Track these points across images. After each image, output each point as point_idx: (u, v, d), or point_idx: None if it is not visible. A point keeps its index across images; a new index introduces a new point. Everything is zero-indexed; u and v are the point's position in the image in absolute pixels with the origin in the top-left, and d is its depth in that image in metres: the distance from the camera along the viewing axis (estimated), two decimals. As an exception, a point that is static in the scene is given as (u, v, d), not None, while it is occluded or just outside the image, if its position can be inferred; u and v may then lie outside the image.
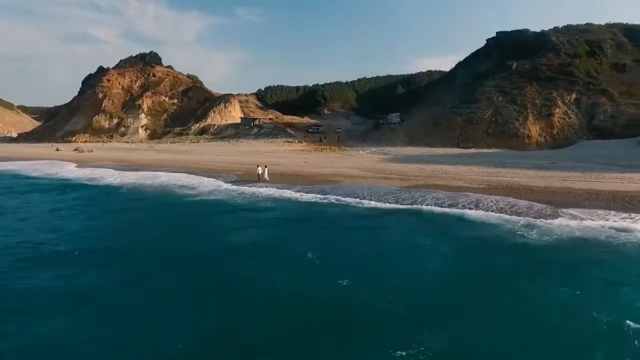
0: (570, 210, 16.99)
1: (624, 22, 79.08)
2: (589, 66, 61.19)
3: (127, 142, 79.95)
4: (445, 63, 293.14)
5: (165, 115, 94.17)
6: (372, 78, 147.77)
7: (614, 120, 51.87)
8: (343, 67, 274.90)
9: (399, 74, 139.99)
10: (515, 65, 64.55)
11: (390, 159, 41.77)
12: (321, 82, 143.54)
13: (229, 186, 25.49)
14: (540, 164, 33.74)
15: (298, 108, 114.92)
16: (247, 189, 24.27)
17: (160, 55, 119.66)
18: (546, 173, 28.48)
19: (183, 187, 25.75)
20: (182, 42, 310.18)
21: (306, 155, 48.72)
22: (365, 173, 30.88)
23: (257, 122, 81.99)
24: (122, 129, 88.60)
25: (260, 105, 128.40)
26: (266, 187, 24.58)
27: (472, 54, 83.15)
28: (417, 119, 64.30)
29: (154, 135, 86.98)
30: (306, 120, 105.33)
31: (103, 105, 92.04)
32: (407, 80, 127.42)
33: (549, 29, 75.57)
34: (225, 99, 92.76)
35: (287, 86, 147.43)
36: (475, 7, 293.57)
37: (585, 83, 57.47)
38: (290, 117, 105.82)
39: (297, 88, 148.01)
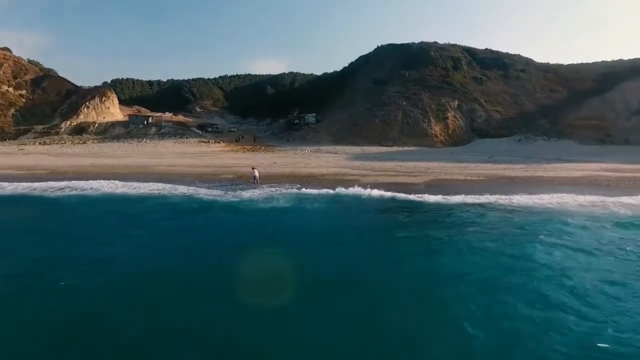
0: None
1: (458, 44, 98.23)
2: (459, 78, 74.60)
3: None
4: (276, 65, 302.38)
5: (13, 110, 71.23)
6: (234, 76, 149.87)
7: (488, 123, 64.82)
8: (192, 63, 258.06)
9: (260, 74, 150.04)
10: (407, 74, 73.47)
11: (350, 157, 41.98)
12: (169, 78, 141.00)
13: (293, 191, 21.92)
14: (482, 158, 39.64)
15: (159, 104, 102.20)
16: (307, 193, 21.52)
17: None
18: (506, 166, 33.69)
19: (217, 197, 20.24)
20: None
21: (259, 155, 44.90)
22: (361, 172, 30.34)
23: (151, 120, 70.28)
24: (-57, 126, 62.85)
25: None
26: (319, 190, 22.05)
27: (357, 62, 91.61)
28: (334, 120, 66.43)
29: (3, 134, 65.01)
30: (182, 118, 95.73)
31: None
32: (274, 80, 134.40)
33: (412, 42, 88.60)
34: (100, 92, 75.91)
35: (138, 80, 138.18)
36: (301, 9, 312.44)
37: (462, 92, 69.86)
38: (169, 114, 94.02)
39: (151, 82, 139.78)
